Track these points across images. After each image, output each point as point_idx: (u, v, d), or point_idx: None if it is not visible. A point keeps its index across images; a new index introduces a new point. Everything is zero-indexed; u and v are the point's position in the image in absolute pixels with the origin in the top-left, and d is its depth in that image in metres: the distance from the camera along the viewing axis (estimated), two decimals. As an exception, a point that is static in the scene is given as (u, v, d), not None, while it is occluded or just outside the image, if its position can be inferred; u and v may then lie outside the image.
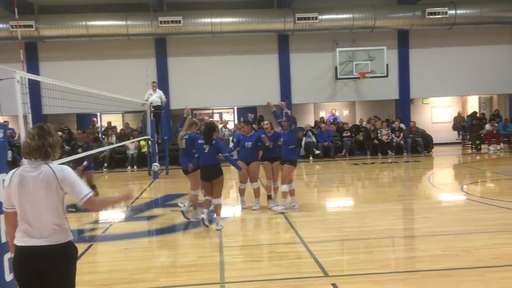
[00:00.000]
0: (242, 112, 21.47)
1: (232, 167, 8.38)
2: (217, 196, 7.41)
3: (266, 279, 5.10)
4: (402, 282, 4.98)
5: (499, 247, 5.89)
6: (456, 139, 20.48)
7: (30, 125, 5.41)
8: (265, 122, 9.08)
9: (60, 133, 15.29)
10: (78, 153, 8.69)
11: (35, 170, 3.08)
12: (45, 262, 3.06)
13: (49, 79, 7.12)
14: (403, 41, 19.34)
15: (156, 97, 14.74)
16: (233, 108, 21.84)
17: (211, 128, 7.43)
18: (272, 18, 17.90)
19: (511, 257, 5.51)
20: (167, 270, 5.64)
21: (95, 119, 19.85)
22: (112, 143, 16.37)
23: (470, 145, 19.03)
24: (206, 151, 7.30)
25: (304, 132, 17.76)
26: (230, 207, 9.05)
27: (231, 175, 12.64)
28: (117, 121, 20.45)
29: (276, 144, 8.78)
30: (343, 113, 21.80)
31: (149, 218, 8.76)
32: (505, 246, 5.95)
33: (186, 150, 8.00)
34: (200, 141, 7.46)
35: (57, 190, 3.09)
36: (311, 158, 17.31)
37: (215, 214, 7.52)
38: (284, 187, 8.38)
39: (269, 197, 8.94)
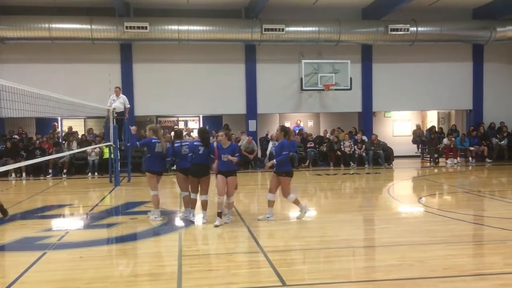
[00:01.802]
0: (208, 120, 21.45)
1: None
2: (204, 193, 8.31)
3: (223, 288, 5.08)
4: (358, 291, 5.05)
5: (452, 258, 6.06)
6: (416, 152, 21.05)
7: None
8: (220, 133, 8.24)
9: None
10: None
11: None
12: None
13: (7, 82, 6.89)
14: (366, 55, 19.82)
15: (120, 103, 14.50)
16: (199, 116, 21.78)
17: (207, 132, 8.49)
18: (240, 28, 17.97)
19: (463, 268, 5.68)
20: (123, 280, 5.52)
21: (56, 124, 19.38)
22: (72, 149, 15.99)
23: (428, 159, 19.59)
24: (200, 152, 8.15)
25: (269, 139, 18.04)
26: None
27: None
28: (79, 126, 20.03)
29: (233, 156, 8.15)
30: (307, 124, 22.07)
31: (108, 226, 8.56)
32: (458, 257, 6.14)
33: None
34: (195, 143, 8.34)
35: None
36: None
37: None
38: (291, 197, 8.53)
39: (219, 214, 8.08)
